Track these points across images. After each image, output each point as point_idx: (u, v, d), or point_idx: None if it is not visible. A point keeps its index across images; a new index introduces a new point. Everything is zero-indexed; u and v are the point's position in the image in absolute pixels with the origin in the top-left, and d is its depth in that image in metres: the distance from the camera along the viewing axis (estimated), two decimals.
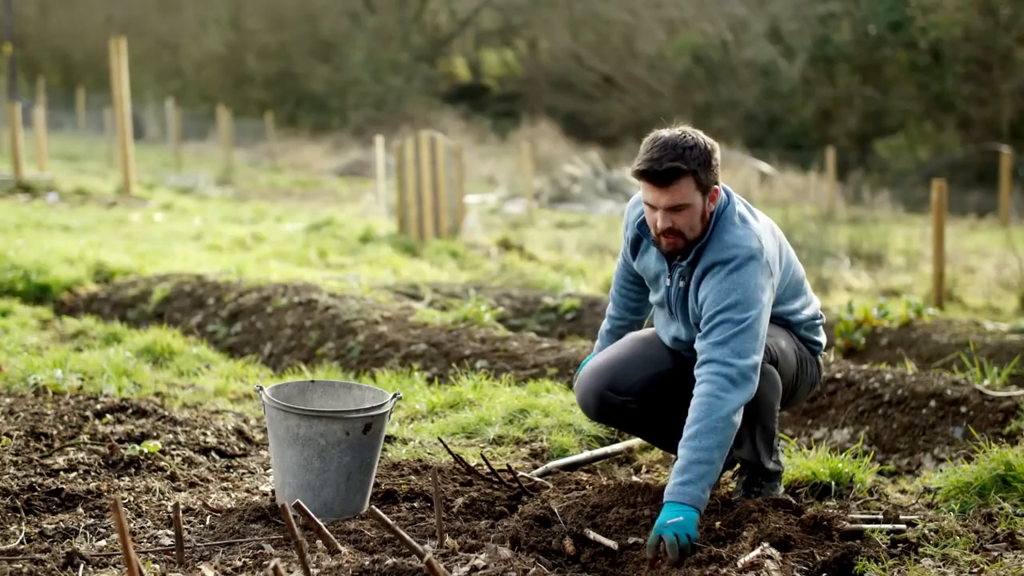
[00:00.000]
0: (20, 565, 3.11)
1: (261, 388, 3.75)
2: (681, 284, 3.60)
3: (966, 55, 27.86)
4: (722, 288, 3.44)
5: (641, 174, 3.45)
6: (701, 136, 3.47)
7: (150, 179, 20.58)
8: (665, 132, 3.48)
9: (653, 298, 3.77)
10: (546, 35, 38.03)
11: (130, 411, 4.74)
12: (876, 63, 30.22)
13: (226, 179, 23.31)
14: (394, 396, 3.78)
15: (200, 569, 3.07)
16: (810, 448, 4.41)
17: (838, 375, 5.50)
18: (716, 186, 3.49)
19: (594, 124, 32.55)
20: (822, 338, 3.86)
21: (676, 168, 3.39)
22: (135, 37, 32.21)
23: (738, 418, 3.38)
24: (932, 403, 5.07)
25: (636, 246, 3.76)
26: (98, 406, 4.77)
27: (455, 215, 13.99)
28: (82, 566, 3.14)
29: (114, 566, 3.18)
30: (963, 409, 4.97)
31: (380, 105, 35.65)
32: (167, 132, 30.40)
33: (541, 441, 4.64)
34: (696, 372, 3.44)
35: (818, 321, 3.84)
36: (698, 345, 3.47)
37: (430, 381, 5.77)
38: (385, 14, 38.49)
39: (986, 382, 5.22)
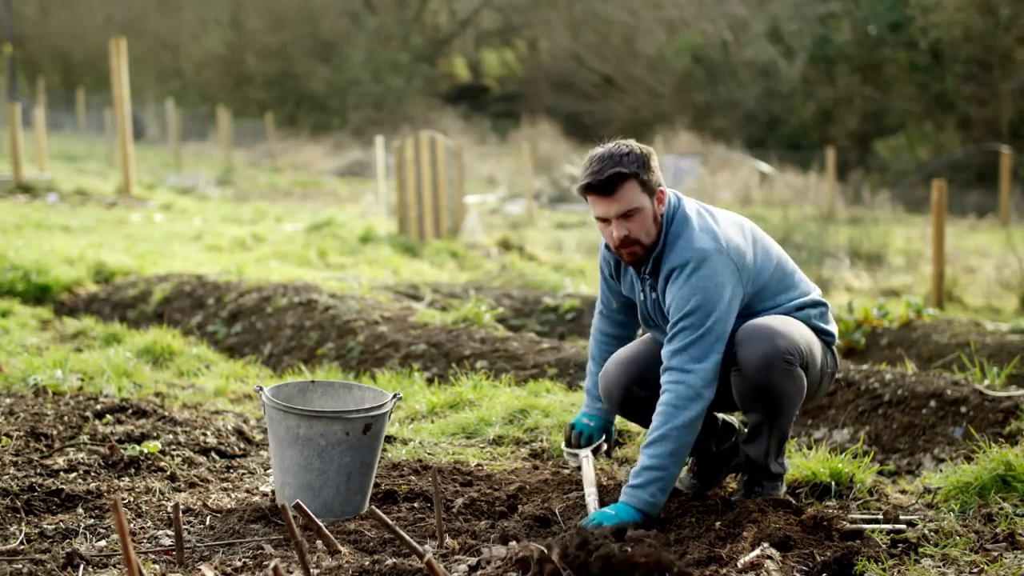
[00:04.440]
0: (20, 565, 3.11)
1: (261, 388, 3.75)
2: (653, 295, 3.68)
3: (966, 55, 27.85)
4: (682, 294, 3.52)
5: (587, 188, 3.54)
6: (634, 143, 3.58)
7: (150, 179, 20.59)
8: (599, 148, 3.59)
9: (640, 315, 3.83)
10: (546, 35, 38.04)
11: (130, 411, 4.75)
12: (876, 63, 30.22)
13: (226, 179, 23.32)
14: (394, 396, 3.78)
15: (200, 569, 3.07)
16: (810, 448, 4.41)
17: (838, 375, 5.50)
18: (661, 188, 3.58)
19: (594, 124, 32.53)
20: (832, 327, 3.84)
21: (617, 173, 3.49)
22: (135, 37, 32.23)
23: (698, 425, 3.50)
24: (932, 403, 5.07)
25: (617, 270, 3.85)
26: (98, 406, 4.77)
27: (455, 215, 13.99)
28: (82, 566, 3.14)
29: (114, 566, 3.18)
30: (963, 409, 4.97)
31: (380, 105, 35.66)
32: (167, 132, 30.41)
33: (541, 441, 4.64)
34: (661, 379, 3.55)
35: (824, 311, 3.81)
36: (663, 352, 3.57)
37: (430, 381, 5.78)
38: (385, 14, 38.49)
39: (986, 382, 5.23)
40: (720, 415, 3.97)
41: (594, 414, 4.01)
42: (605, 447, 4.02)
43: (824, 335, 3.79)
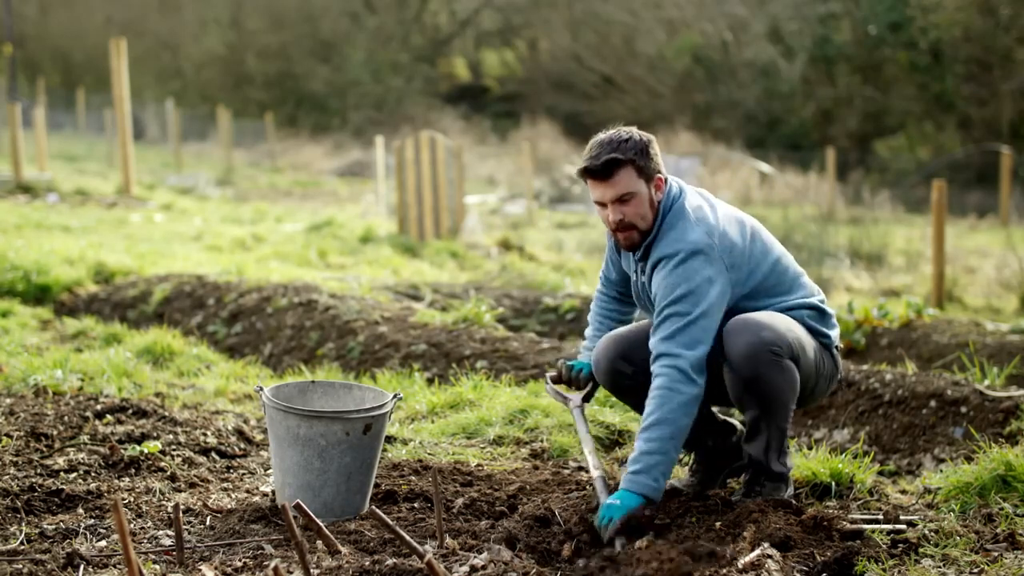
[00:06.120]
0: (20, 565, 3.11)
1: (261, 388, 3.75)
2: (643, 279, 3.72)
3: (966, 55, 27.85)
4: (668, 283, 3.55)
5: (584, 172, 3.62)
6: (635, 130, 3.66)
7: (150, 179, 20.59)
8: (602, 134, 3.67)
9: (633, 293, 3.88)
10: (546, 35, 38.03)
11: (130, 411, 4.75)
12: (876, 63, 30.21)
13: (226, 179, 23.32)
14: (394, 396, 3.78)
15: (200, 569, 3.07)
16: (810, 448, 4.41)
17: (838, 375, 5.49)
18: (659, 175, 3.63)
19: (594, 124, 32.30)
20: (831, 331, 3.82)
21: (614, 159, 3.57)
22: (135, 37, 32.22)
23: (694, 408, 3.49)
24: (932, 403, 5.07)
25: (618, 249, 3.91)
26: (98, 406, 4.77)
27: (455, 215, 13.99)
28: (82, 566, 3.14)
29: (114, 566, 3.18)
30: (963, 409, 4.97)
31: (380, 105, 35.67)
32: (167, 132, 30.41)
33: (541, 441, 4.64)
34: (651, 368, 3.55)
35: (819, 314, 3.78)
36: (651, 342, 3.57)
37: (430, 381, 5.78)
38: (385, 14, 38.49)
39: (986, 382, 5.23)
40: (720, 415, 3.98)
41: (588, 361, 4.03)
42: (593, 392, 4.03)
43: (819, 336, 3.77)
